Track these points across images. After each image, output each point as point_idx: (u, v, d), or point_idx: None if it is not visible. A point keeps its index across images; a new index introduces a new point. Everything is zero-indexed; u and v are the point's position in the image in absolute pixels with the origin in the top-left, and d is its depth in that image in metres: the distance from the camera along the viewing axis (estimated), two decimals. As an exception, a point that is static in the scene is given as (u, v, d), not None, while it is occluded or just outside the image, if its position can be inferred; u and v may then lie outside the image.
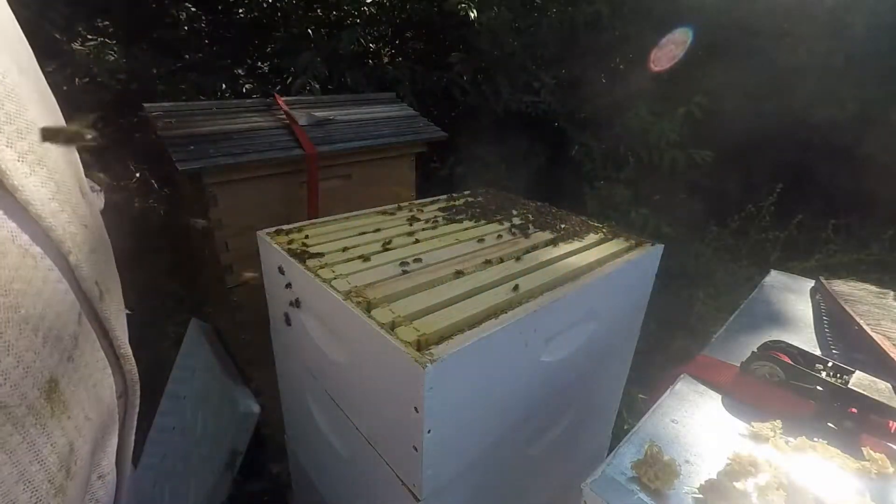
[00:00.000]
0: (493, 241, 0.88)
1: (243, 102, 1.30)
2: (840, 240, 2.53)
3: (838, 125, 2.45)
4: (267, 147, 1.13)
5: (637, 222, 2.52)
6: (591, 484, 0.49)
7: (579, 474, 0.52)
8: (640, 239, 0.92)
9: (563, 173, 2.97)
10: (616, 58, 3.03)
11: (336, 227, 0.92)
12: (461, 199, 1.15)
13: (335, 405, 0.78)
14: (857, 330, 0.77)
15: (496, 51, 2.89)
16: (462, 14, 2.64)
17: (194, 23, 2.93)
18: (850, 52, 2.40)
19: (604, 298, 0.80)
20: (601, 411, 1.06)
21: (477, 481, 0.70)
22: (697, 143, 2.55)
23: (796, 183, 2.63)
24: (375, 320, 0.60)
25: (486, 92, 2.86)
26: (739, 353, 0.69)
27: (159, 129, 1.07)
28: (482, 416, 0.65)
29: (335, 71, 2.68)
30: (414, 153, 1.47)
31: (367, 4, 3.08)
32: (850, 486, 0.50)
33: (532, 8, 3.11)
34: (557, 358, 0.74)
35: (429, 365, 0.52)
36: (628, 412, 1.64)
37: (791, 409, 0.59)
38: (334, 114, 1.36)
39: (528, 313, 0.64)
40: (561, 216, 1.04)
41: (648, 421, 0.59)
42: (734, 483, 0.47)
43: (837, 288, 0.90)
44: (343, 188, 1.31)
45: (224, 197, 1.09)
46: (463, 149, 2.72)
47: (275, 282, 0.86)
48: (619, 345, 0.96)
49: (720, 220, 2.68)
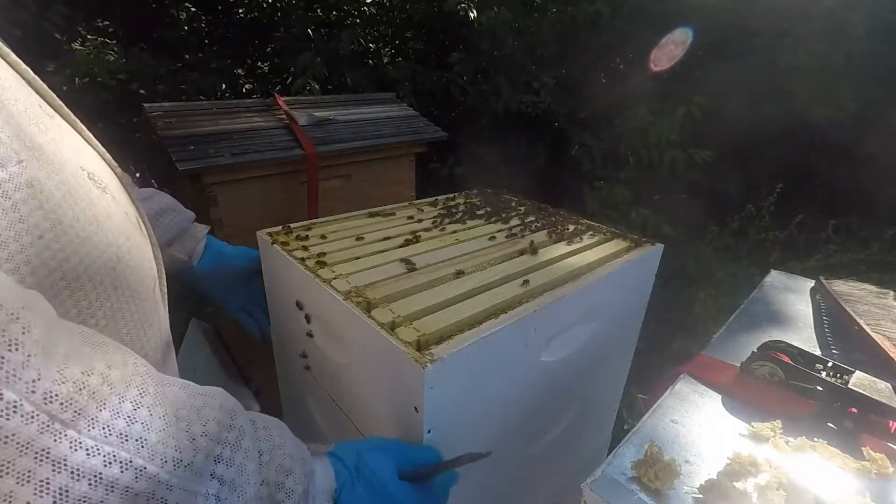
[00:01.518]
0: (492, 241, 0.88)
1: (243, 102, 1.29)
2: (840, 240, 2.53)
3: (838, 125, 2.45)
4: (267, 147, 1.13)
5: (637, 222, 2.52)
6: (591, 484, 0.49)
7: (579, 474, 0.52)
8: (640, 239, 0.92)
9: (563, 173, 2.97)
10: (616, 58, 3.03)
11: (336, 226, 0.92)
12: (461, 199, 1.15)
13: (335, 405, 0.78)
14: (857, 330, 0.77)
15: (496, 51, 2.89)
16: (462, 14, 2.64)
17: (194, 23, 2.93)
18: (850, 52, 2.40)
19: (604, 298, 0.80)
20: (601, 411, 1.06)
21: (476, 480, 0.70)
22: (697, 143, 2.55)
23: (796, 183, 2.63)
24: (375, 320, 0.60)
25: (486, 92, 2.86)
26: (739, 353, 0.69)
27: (159, 129, 1.07)
28: (482, 416, 0.65)
29: (335, 71, 2.68)
30: (414, 153, 1.47)
31: (367, 4, 3.08)
32: (850, 486, 0.50)
33: (532, 8, 3.11)
34: (557, 358, 0.74)
35: (429, 365, 0.52)
36: (628, 412, 1.64)
37: (791, 409, 0.59)
38: (334, 114, 1.36)
39: (528, 313, 0.64)
40: (561, 216, 1.04)
41: (648, 421, 0.59)
42: (734, 483, 0.47)
43: (837, 288, 0.90)
44: (343, 188, 1.31)
45: (224, 197, 1.09)
46: (463, 149, 2.72)
47: (275, 281, 0.86)
48: (619, 345, 0.96)
49: (720, 220, 2.68)
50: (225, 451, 0.37)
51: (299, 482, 0.43)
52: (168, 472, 0.32)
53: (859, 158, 2.43)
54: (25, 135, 0.36)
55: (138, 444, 0.31)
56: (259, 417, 0.45)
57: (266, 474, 0.41)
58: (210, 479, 0.35)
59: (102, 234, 0.39)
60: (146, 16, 2.71)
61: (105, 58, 2.38)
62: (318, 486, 0.47)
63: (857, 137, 2.45)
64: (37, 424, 0.27)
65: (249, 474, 0.38)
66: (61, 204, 0.36)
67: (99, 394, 0.30)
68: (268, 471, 0.41)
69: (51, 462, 0.27)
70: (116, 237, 0.41)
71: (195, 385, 0.40)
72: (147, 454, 0.31)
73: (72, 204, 0.37)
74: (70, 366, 0.30)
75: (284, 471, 0.43)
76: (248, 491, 0.38)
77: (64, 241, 0.35)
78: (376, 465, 0.51)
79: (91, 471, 0.28)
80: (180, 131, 1.08)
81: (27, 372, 0.27)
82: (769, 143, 2.65)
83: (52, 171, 0.36)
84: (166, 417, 0.34)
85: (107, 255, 0.39)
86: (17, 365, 0.26)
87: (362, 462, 0.51)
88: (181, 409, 0.36)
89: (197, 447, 0.35)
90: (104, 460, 0.29)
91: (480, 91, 2.88)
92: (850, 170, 2.44)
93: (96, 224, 0.39)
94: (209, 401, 0.39)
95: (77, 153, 0.42)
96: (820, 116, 2.46)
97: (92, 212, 0.39)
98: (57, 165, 0.37)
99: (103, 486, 0.29)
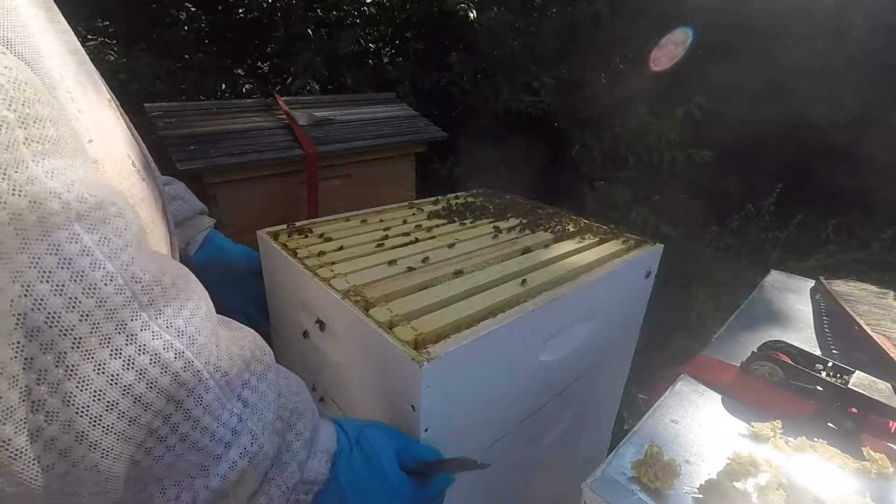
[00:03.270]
0: (492, 241, 0.88)
1: (243, 102, 1.29)
2: (840, 239, 2.53)
3: (838, 125, 2.45)
4: (267, 147, 1.13)
5: (637, 222, 2.52)
6: (591, 484, 0.49)
7: (579, 474, 0.52)
8: (640, 239, 0.92)
9: (563, 173, 2.97)
10: (616, 58, 3.03)
11: (335, 226, 0.92)
12: (461, 199, 1.15)
13: (334, 404, 0.78)
14: (857, 330, 0.77)
15: (496, 51, 2.89)
16: (462, 14, 2.64)
17: (194, 23, 2.93)
18: (850, 52, 2.40)
19: (603, 298, 0.80)
20: (601, 411, 1.06)
21: (475, 481, 0.70)
22: (697, 143, 2.55)
23: (796, 183, 2.63)
24: (373, 319, 0.60)
25: (486, 92, 2.86)
26: (739, 353, 0.69)
27: (160, 129, 1.07)
28: (480, 415, 0.65)
29: (335, 71, 2.68)
30: (414, 153, 1.47)
31: (367, 4, 3.08)
32: (850, 486, 0.49)
33: (532, 8, 3.11)
34: (556, 358, 0.74)
35: (425, 363, 0.52)
36: (628, 412, 1.64)
37: (791, 409, 0.59)
38: (334, 114, 1.36)
39: (526, 313, 0.63)
40: (560, 216, 1.04)
41: (648, 421, 0.58)
42: (734, 483, 0.47)
43: (837, 288, 0.90)
44: (343, 188, 1.31)
45: (224, 197, 1.09)
46: (463, 149, 2.72)
47: (275, 281, 0.86)
48: (618, 345, 0.96)
49: (720, 220, 2.68)
50: (252, 379, 0.42)
51: (308, 428, 0.47)
52: (209, 373, 0.37)
53: (859, 158, 2.43)
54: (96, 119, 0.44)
55: (191, 341, 0.36)
56: (285, 370, 0.50)
57: (282, 412, 0.44)
58: (236, 400, 0.40)
59: (138, 211, 0.46)
60: (146, 16, 2.71)
61: (105, 58, 2.39)
62: (320, 443, 0.48)
63: (857, 137, 2.45)
64: (122, 297, 0.32)
65: (270, 402, 0.43)
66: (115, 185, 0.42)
67: (169, 292, 0.36)
68: (283, 409, 0.45)
69: (126, 333, 0.32)
70: (145, 218, 0.48)
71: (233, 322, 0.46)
72: (196, 351, 0.36)
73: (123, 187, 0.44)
74: (153, 263, 0.35)
75: (298, 413, 0.46)
76: (267, 416, 0.42)
77: None
78: (377, 442, 0.51)
79: (153, 350, 0.33)
80: (180, 131, 1.08)
81: (124, 254, 0.32)
82: (769, 142, 2.65)
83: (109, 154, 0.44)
84: (214, 333, 0.39)
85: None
86: (117, 248, 0.32)
87: (363, 436, 0.52)
88: (224, 332, 0.42)
89: (234, 364, 0.40)
90: (163, 345, 0.34)
91: (480, 91, 2.88)
92: (850, 170, 2.44)
93: (133, 202, 0.46)
94: (246, 334, 0.45)
95: (122, 140, 0.49)
96: (820, 116, 2.45)
97: (131, 192, 0.46)
98: (112, 148, 0.45)
99: (160, 365, 0.33)
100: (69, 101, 0.41)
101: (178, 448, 0.35)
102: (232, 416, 0.39)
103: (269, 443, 0.41)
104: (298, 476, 0.44)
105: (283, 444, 0.44)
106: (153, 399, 0.33)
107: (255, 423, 0.40)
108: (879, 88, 2.39)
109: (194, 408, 0.36)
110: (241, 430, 0.39)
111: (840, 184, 2.51)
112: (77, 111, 0.41)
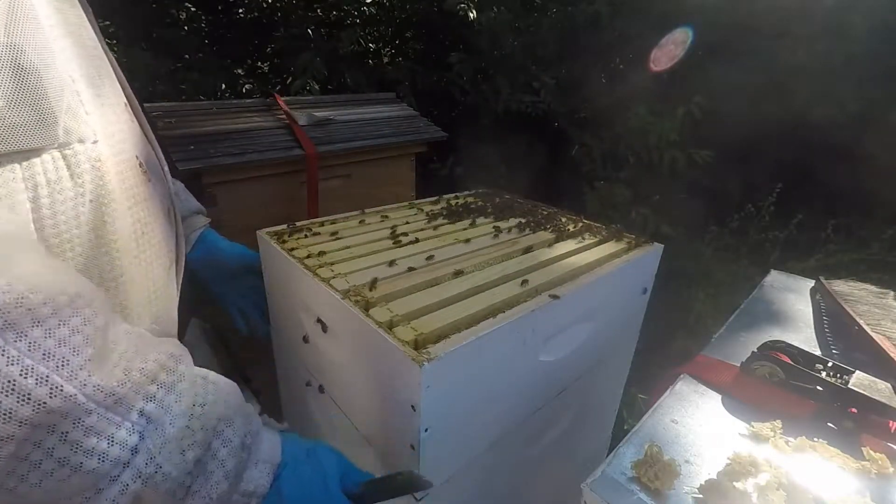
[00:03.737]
0: (492, 241, 0.88)
1: (243, 102, 1.29)
2: (840, 240, 2.53)
3: (838, 125, 2.44)
4: (267, 147, 1.13)
5: (637, 222, 2.51)
6: (591, 484, 0.49)
7: (579, 474, 0.52)
8: (640, 239, 0.92)
9: (563, 173, 2.97)
10: (616, 58, 3.03)
11: (335, 226, 0.92)
12: (461, 199, 1.15)
13: (334, 404, 0.78)
14: (857, 330, 0.77)
15: (496, 51, 2.89)
16: (462, 14, 2.64)
17: (194, 23, 2.93)
18: (850, 52, 2.40)
19: (603, 298, 0.80)
20: (601, 411, 1.06)
21: (475, 481, 0.70)
22: (697, 143, 2.55)
23: (796, 183, 2.62)
24: (373, 319, 0.60)
25: (486, 92, 2.85)
26: (739, 353, 0.69)
27: (159, 129, 1.07)
28: (480, 415, 0.65)
29: (335, 71, 2.68)
30: (414, 153, 1.47)
31: (367, 4, 3.08)
32: (850, 486, 0.49)
33: (532, 8, 3.11)
34: (556, 358, 0.74)
35: (426, 363, 0.52)
36: (628, 412, 1.64)
37: (791, 409, 0.59)
38: (334, 114, 1.35)
39: (526, 313, 0.64)
40: (560, 216, 1.04)
41: (648, 421, 0.58)
42: (734, 483, 0.47)
43: (837, 288, 0.90)
44: (343, 188, 1.31)
45: (224, 197, 1.09)
46: (463, 149, 2.72)
47: (275, 281, 0.86)
48: (618, 345, 0.96)
49: (720, 220, 2.68)
50: (159, 392, 0.39)
51: (237, 435, 0.44)
52: (86, 395, 0.34)
53: (859, 158, 2.42)
54: (106, 120, 0.46)
55: (61, 363, 0.33)
56: (214, 375, 0.47)
57: (205, 420, 0.42)
58: (138, 416, 0.38)
59: (135, 210, 0.51)
60: (146, 16, 2.71)
61: (105, 58, 2.38)
62: (262, 453, 0.46)
63: (857, 137, 2.45)
64: None
65: (178, 414, 0.40)
66: (115, 184, 0.47)
67: (38, 312, 0.32)
68: (207, 417, 0.42)
69: None
70: (144, 218, 0.51)
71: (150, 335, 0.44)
72: (68, 374, 0.33)
73: (124, 186, 0.47)
74: (20, 281, 0.32)
75: (227, 420, 0.44)
76: (169, 431, 0.39)
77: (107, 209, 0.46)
78: (327, 461, 0.51)
79: (6, 377, 0.30)
80: (180, 131, 1.08)
81: None
82: (769, 142, 2.65)
83: (114, 154, 0.46)
84: (102, 348, 0.36)
85: (133, 227, 0.50)
86: None
87: (314, 452, 0.51)
88: (123, 345, 0.39)
89: (129, 380, 0.37)
90: (21, 370, 0.31)
91: (480, 91, 2.88)
92: (850, 170, 2.43)
93: (133, 201, 0.50)
94: (159, 346, 0.42)
95: (131, 141, 0.51)
96: (820, 116, 2.45)
97: (132, 192, 0.49)
98: (118, 148, 0.47)
99: (16, 394, 0.31)
100: (77, 104, 0.44)
101: (58, 473, 0.34)
102: (131, 433, 0.37)
103: (170, 462, 0.39)
104: (226, 485, 0.42)
105: (208, 454, 0.42)
106: (13, 430, 0.31)
107: (154, 440, 0.38)
108: (879, 88, 2.39)
109: (72, 430, 0.34)
110: (142, 448, 0.37)
111: (840, 184, 2.51)
112: (85, 113, 0.44)
